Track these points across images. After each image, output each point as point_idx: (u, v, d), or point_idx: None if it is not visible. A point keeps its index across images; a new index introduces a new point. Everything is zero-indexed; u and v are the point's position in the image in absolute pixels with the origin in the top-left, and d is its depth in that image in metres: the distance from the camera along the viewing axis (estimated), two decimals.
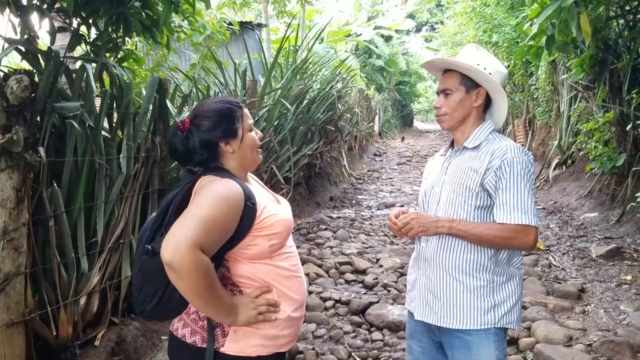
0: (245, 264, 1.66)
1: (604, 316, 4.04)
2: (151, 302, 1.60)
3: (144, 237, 1.64)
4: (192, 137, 1.67)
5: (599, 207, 6.96)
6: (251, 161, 1.78)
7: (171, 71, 5.76)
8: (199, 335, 1.64)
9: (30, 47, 2.94)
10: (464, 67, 1.96)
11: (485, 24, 11.54)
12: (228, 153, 1.71)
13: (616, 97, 6.57)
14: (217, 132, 1.67)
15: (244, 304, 1.62)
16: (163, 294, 1.58)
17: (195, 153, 1.67)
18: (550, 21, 4.71)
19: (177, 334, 1.68)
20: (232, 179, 1.64)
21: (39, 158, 2.51)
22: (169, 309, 1.63)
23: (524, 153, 1.90)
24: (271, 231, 1.66)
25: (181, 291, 1.51)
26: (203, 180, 1.64)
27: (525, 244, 1.87)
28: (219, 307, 1.57)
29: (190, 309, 1.66)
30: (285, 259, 1.74)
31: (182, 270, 1.45)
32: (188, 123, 1.69)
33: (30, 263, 2.58)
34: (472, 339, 1.91)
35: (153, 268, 1.56)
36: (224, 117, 1.69)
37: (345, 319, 4.11)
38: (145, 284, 1.60)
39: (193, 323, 1.66)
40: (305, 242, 6.07)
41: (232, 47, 8.91)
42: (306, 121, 7.34)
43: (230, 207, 1.56)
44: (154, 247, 1.56)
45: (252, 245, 1.64)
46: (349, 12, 22.65)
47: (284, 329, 1.71)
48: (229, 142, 1.70)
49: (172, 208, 1.61)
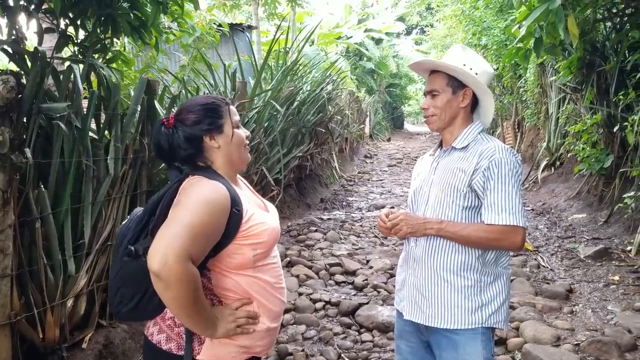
0: (227, 276, 1.62)
1: (592, 316, 4.07)
2: (128, 305, 1.56)
3: (126, 236, 1.60)
4: (177, 132, 1.64)
5: (587, 208, 7.02)
6: (239, 159, 1.74)
7: (160, 73, 5.73)
8: (174, 343, 1.61)
9: (17, 47, 2.92)
10: (449, 68, 1.97)
11: (474, 27, 11.62)
12: (213, 148, 1.67)
13: (604, 99, 6.63)
14: (201, 126, 1.65)
15: (223, 316, 1.59)
16: (142, 298, 1.55)
17: (179, 148, 1.64)
18: (538, 24, 4.76)
19: (152, 339, 1.64)
20: (220, 181, 1.60)
21: (26, 159, 2.49)
22: (145, 313, 1.60)
23: (512, 154, 1.91)
24: (256, 240, 1.62)
25: (166, 301, 1.48)
26: (190, 180, 1.60)
27: (513, 244, 1.88)
28: (200, 320, 1.53)
29: (165, 314, 1.63)
30: (268, 271, 1.69)
31: (170, 281, 1.41)
32: (172, 119, 1.67)
33: (16, 265, 2.55)
34: (459, 339, 1.92)
35: (134, 271, 1.52)
36: (209, 111, 1.67)
37: (335, 320, 4.11)
38: (123, 285, 1.56)
39: (169, 329, 1.62)
40: (296, 244, 6.07)
41: (222, 49, 8.90)
42: (296, 123, 7.33)
43: (216, 212, 1.52)
44: (137, 248, 1.52)
45: (236, 254, 1.60)
46: (339, 14, 22.70)
47: (261, 340, 1.68)
48: (214, 137, 1.67)
49: (159, 209, 1.57)
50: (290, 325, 3.94)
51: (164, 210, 1.56)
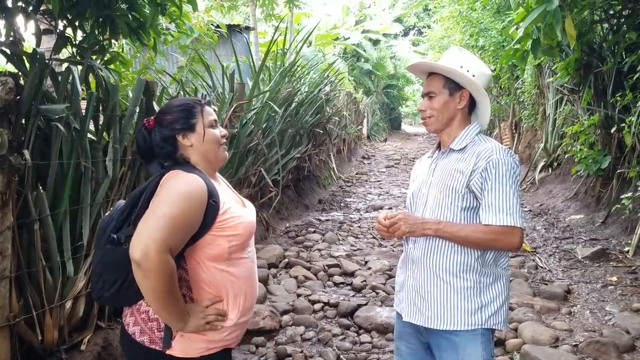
0: (203, 269, 1.71)
1: (590, 317, 4.08)
2: (110, 290, 1.65)
3: (109, 225, 1.69)
4: (155, 133, 1.77)
5: (584, 209, 7.03)
6: (214, 156, 1.83)
7: (158, 74, 5.73)
8: (147, 336, 1.69)
9: (15, 49, 2.92)
10: (446, 70, 1.98)
11: (471, 28, 11.63)
12: (186, 146, 1.77)
13: (601, 100, 6.64)
14: (175, 125, 1.76)
15: (194, 312, 1.67)
16: (122, 283, 1.63)
17: (157, 147, 1.77)
18: (535, 25, 4.77)
19: (127, 329, 1.72)
20: (197, 174, 1.69)
21: (24, 161, 2.49)
22: (127, 297, 1.69)
23: (510, 155, 1.92)
24: (232, 232, 1.71)
25: (143, 290, 1.56)
26: (170, 174, 1.69)
27: (510, 245, 1.88)
28: (173, 311, 1.62)
29: (141, 306, 1.70)
30: (241, 265, 1.78)
31: (149, 270, 1.51)
32: (153, 121, 1.79)
33: (15, 267, 2.55)
34: (459, 340, 1.92)
35: (116, 258, 1.62)
36: (183, 112, 1.78)
37: (334, 322, 4.10)
38: (105, 271, 1.65)
39: (143, 322, 1.70)
40: (294, 245, 6.07)
41: (220, 50, 8.89)
42: (294, 124, 7.34)
43: (193, 204, 1.61)
44: (120, 237, 1.62)
45: (212, 245, 1.69)
46: (336, 15, 22.71)
47: (230, 334, 1.77)
48: (187, 136, 1.77)
49: (141, 201, 1.66)
50: (289, 326, 3.94)
51: (145, 202, 1.65)
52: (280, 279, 4.90)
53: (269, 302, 4.26)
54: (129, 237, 1.59)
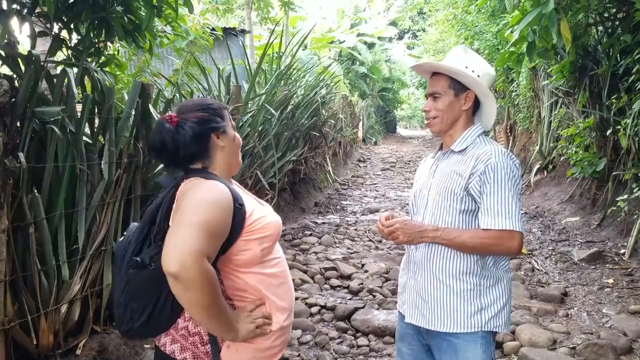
0: (237, 276, 1.62)
1: (587, 319, 4.08)
2: (139, 320, 1.52)
3: (128, 249, 1.57)
4: (183, 130, 1.59)
5: (580, 211, 7.05)
6: (236, 161, 1.76)
7: (154, 76, 5.71)
8: (189, 352, 1.58)
9: (10, 51, 2.90)
10: (451, 70, 1.96)
11: (466, 31, 11.65)
12: (219, 147, 1.67)
13: (596, 103, 6.66)
14: (210, 124, 1.64)
15: (241, 318, 1.58)
16: (153, 309, 1.51)
17: (184, 146, 1.60)
18: (531, 28, 4.78)
19: (164, 350, 1.60)
20: (217, 179, 1.60)
21: (19, 164, 2.47)
22: (159, 325, 1.57)
23: (509, 158, 1.90)
24: (262, 234, 1.61)
25: (186, 304, 1.46)
26: (187, 183, 1.58)
27: (509, 249, 1.86)
28: (223, 321, 1.52)
29: (178, 324, 1.59)
30: (274, 266, 1.69)
31: (190, 281, 1.39)
32: (175, 117, 1.62)
33: (9, 270, 2.53)
34: (459, 342, 1.92)
35: (141, 282, 1.50)
36: (215, 112, 1.67)
37: (331, 325, 4.09)
38: (132, 299, 1.52)
39: (182, 339, 1.59)
40: (290, 248, 6.05)
41: (215, 53, 8.88)
42: (290, 127, 7.32)
43: (221, 209, 1.51)
44: (143, 259, 1.50)
45: (244, 251, 1.59)
46: (332, 19, 22.78)
47: (276, 340, 1.67)
48: (220, 136, 1.67)
49: (160, 217, 1.55)
50: None
51: (164, 216, 1.54)
52: None
53: None
54: (153, 257, 1.49)
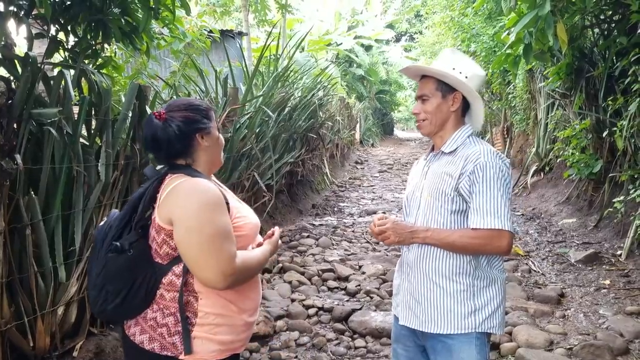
0: None
1: (584, 320, 4.09)
2: (113, 302, 1.59)
3: (108, 234, 1.63)
4: (169, 127, 1.65)
5: (577, 212, 7.07)
6: (218, 160, 1.83)
7: (151, 78, 5.70)
8: (157, 343, 1.63)
9: (7, 53, 2.90)
10: (437, 72, 1.98)
11: (463, 34, 11.69)
12: (202, 147, 1.72)
13: (592, 105, 6.69)
14: (195, 124, 1.69)
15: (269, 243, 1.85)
16: (127, 293, 1.60)
17: (169, 143, 1.66)
18: (527, 30, 4.79)
19: (134, 339, 1.66)
20: (202, 177, 1.67)
21: (16, 165, 2.47)
22: (131, 308, 1.63)
23: (499, 157, 1.91)
24: (239, 233, 1.68)
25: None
26: (172, 180, 1.64)
27: (499, 248, 1.87)
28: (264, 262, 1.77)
29: (147, 314, 1.65)
30: None
31: (237, 281, 1.61)
32: (164, 113, 1.67)
33: (6, 272, 2.52)
34: (453, 344, 1.92)
35: (119, 266, 1.57)
36: (202, 112, 1.73)
37: (328, 327, 4.09)
38: (108, 282, 1.59)
39: (151, 330, 1.64)
40: (288, 250, 6.05)
41: (212, 55, 8.89)
42: (288, 129, 7.33)
43: (219, 207, 1.60)
44: (123, 243, 1.57)
45: None
46: (329, 21, 22.77)
47: (240, 334, 1.74)
48: (204, 137, 1.72)
49: (142, 206, 1.62)
50: (283, 331, 3.92)
51: (146, 206, 1.62)
52: (274, 284, 4.88)
53: (262, 307, 4.23)
54: (133, 243, 1.58)
